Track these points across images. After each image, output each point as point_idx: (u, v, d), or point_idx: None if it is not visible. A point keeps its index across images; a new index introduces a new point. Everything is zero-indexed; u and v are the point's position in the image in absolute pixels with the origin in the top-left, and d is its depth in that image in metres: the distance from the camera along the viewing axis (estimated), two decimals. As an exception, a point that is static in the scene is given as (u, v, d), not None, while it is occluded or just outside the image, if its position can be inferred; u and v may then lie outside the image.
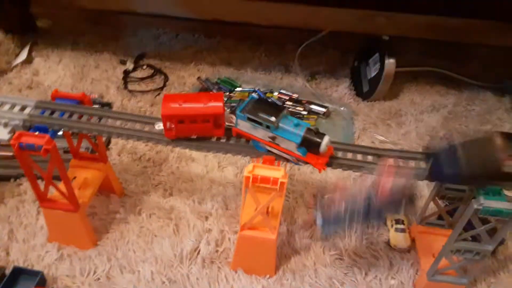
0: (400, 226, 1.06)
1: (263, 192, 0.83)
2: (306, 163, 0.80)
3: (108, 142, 1.24)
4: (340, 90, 1.58)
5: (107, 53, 1.64)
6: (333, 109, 1.47)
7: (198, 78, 1.52)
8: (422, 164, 0.83)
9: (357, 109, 1.50)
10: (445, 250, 0.85)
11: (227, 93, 1.49)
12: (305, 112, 1.44)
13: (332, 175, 1.22)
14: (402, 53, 1.73)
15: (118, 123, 0.88)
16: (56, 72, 1.55)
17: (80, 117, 0.87)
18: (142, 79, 1.54)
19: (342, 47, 1.75)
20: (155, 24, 1.84)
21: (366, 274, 0.98)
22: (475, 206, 0.74)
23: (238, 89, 1.51)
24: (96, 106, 1.34)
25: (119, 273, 0.95)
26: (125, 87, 1.50)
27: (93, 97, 1.41)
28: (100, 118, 0.88)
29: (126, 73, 1.56)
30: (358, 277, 0.97)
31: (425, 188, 1.15)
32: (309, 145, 0.78)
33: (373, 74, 1.49)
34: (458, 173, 0.72)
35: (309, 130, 0.77)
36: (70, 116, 0.87)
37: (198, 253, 0.99)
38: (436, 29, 1.70)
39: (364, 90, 1.53)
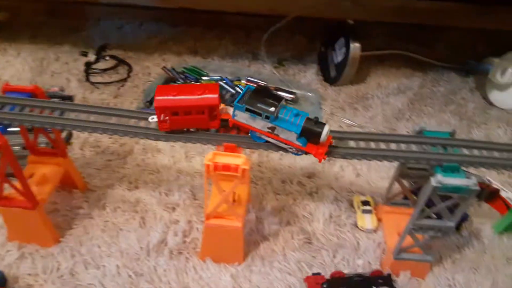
0: (367, 208, 1.07)
1: (228, 180, 0.82)
2: (307, 153, 0.79)
3: (69, 137, 1.20)
4: (308, 76, 1.57)
5: (68, 45, 1.59)
6: (301, 95, 1.47)
7: (163, 67, 1.49)
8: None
9: (325, 94, 1.50)
10: (408, 228, 0.86)
11: (193, 82, 1.46)
12: (273, 99, 1.42)
13: (300, 160, 1.21)
14: (369, 37, 1.74)
15: (83, 116, 0.84)
16: (14, 66, 1.49)
17: (32, 110, 0.84)
18: (104, 70, 1.50)
19: (310, 33, 1.74)
20: (118, 14, 1.79)
21: (334, 256, 0.99)
22: (433, 184, 0.75)
23: (204, 78, 1.48)
24: (57, 99, 1.29)
25: (83, 269, 0.93)
26: (87, 80, 1.46)
27: (53, 90, 1.36)
28: (62, 112, 0.84)
29: (88, 65, 1.51)
30: (326, 259, 0.98)
31: (391, 169, 1.16)
32: (309, 135, 0.77)
33: (339, 59, 1.49)
34: None
35: (308, 120, 0.77)
36: (22, 109, 0.84)
37: (166, 244, 0.98)
38: (403, 13, 1.70)
39: (332, 75, 1.54)
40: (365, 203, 1.09)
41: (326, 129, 0.76)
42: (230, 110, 0.81)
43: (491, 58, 1.48)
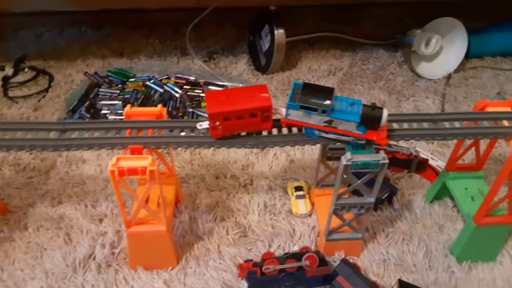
0: (300, 193, 1.07)
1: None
2: (368, 140, 0.77)
3: (-16, 157, 1.13)
4: (239, 67, 1.55)
5: (-19, 60, 1.49)
6: (233, 87, 1.45)
7: (85, 73, 1.42)
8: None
9: (257, 83, 1.48)
10: (332, 209, 0.86)
11: (119, 85, 1.41)
12: (204, 94, 1.39)
13: (234, 154, 1.19)
14: (298, 21, 1.74)
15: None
16: None
17: None
18: (23, 83, 1.42)
19: (238, 23, 1.72)
20: (36, 22, 1.70)
21: (269, 245, 0.98)
22: (344, 162, 0.75)
23: (131, 79, 1.43)
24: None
25: (5, 297, 0.87)
26: (5, 95, 1.37)
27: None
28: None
29: (6, 79, 1.43)
30: (262, 250, 0.96)
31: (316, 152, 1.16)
32: (368, 121, 0.75)
33: (267, 47, 1.48)
34: None
35: (365, 106, 0.75)
36: None
37: (93, 259, 0.93)
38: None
39: (262, 64, 1.52)
40: (298, 188, 1.08)
41: (385, 113, 0.74)
42: (281, 110, 0.78)
43: (414, 30, 1.51)
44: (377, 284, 0.88)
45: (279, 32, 1.41)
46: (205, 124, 0.79)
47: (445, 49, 1.53)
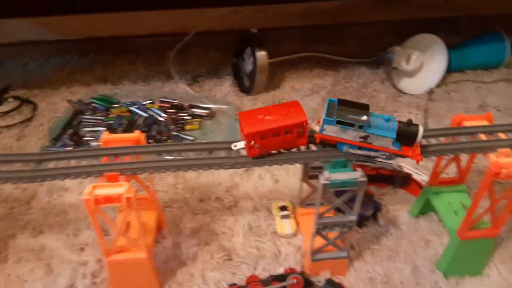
0: (285, 213, 1.06)
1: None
2: (403, 156, 0.79)
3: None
4: (223, 89, 1.56)
5: (-36, 92, 1.49)
6: (218, 109, 1.45)
7: (69, 100, 1.43)
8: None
9: (241, 105, 1.49)
10: (314, 228, 0.85)
11: (103, 111, 1.41)
12: (188, 117, 1.40)
13: (219, 176, 1.19)
14: (280, 42, 1.77)
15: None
16: None
17: None
18: (7, 113, 1.41)
19: (222, 47, 1.74)
20: (22, 52, 1.71)
21: (255, 268, 0.96)
22: (322, 181, 0.75)
23: (115, 105, 1.44)
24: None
25: (-18, 333, 0.85)
26: (-12, 125, 1.37)
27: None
28: None
29: (-11, 110, 1.43)
30: (247, 273, 0.95)
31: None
32: (404, 138, 0.77)
33: (249, 68, 1.49)
34: None
35: (400, 123, 0.77)
36: None
37: (75, 289, 0.92)
38: (308, 16, 1.74)
39: (246, 85, 1.53)
40: (283, 208, 1.07)
41: (421, 130, 0.76)
42: (314, 126, 0.80)
43: (394, 47, 1.53)
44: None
45: (261, 54, 1.43)
46: (240, 144, 0.80)
47: (426, 65, 1.56)
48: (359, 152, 0.79)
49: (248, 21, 1.57)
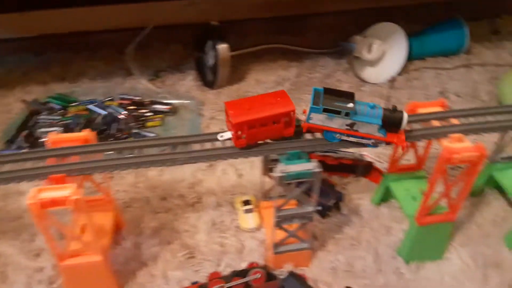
0: (248, 207, 1.05)
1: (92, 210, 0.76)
2: (388, 143, 0.80)
3: None
4: (186, 83, 1.54)
5: None
6: (180, 104, 1.43)
7: (23, 100, 1.37)
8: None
9: (205, 99, 1.47)
10: (274, 221, 0.84)
11: (60, 111, 1.36)
12: (150, 114, 1.37)
13: (181, 173, 1.17)
14: (244, 35, 1.75)
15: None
16: None
17: None
18: (-44, 117, 1.35)
19: (184, 41, 1.71)
20: (-26, 52, 1.63)
21: (218, 265, 0.95)
22: (277, 174, 0.74)
23: (73, 103, 1.39)
24: None
25: None
26: None
27: None
28: None
29: None
30: (210, 270, 0.93)
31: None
32: (389, 124, 0.77)
33: (211, 62, 1.47)
34: None
35: (385, 109, 0.77)
36: None
37: (30, 297, 0.88)
38: (270, 7, 1.73)
39: (209, 79, 1.51)
40: (246, 202, 1.06)
41: (405, 116, 0.76)
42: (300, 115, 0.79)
43: (355, 37, 1.54)
44: (324, 293, 0.87)
45: (222, 47, 1.40)
46: (226, 135, 0.78)
47: (387, 53, 1.57)
48: (347, 138, 0.80)
49: (208, 13, 1.54)
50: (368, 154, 1.20)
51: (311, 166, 0.75)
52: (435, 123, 0.85)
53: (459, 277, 0.93)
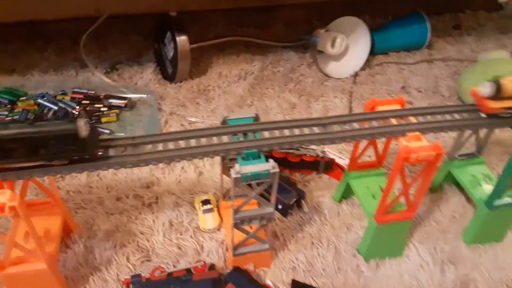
0: (207, 207, 1.02)
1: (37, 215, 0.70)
2: None
3: None
4: (145, 77, 1.47)
5: None
6: (138, 99, 1.36)
7: (-35, 95, 1.27)
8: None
9: (164, 94, 1.41)
10: (232, 223, 0.81)
11: (8, 106, 1.27)
12: (105, 109, 1.30)
13: (138, 172, 1.12)
14: (208, 26, 1.69)
15: None
16: None
17: None
18: None
19: (144, 31, 1.64)
20: None
21: (174, 266, 0.91)
22: (233, 175, 0.71)
23: (22, 98, 1.30)
24: None
25: None
26: None
27: None
28: None
29: None
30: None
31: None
32: None
33: (171, 54, 1.41)
34: None
35: None
36: None
37: (-31, 309, 0.81)
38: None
39: (169, 72, 1.45)
40: (206, 202, 1.03)
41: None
42: None
43: (319, 31, 1.52)
44: (268, 286, 0.86)
45: (182, 39, 1.35)
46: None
47: (351, 48, 1.56)
48: None
49: (167, 3, 1.47)
50: (331, 150, 1.19)
51: (269, 166, 0.72)
52: (394, 121, 0.84)
53: (417, 274, 0.93)
